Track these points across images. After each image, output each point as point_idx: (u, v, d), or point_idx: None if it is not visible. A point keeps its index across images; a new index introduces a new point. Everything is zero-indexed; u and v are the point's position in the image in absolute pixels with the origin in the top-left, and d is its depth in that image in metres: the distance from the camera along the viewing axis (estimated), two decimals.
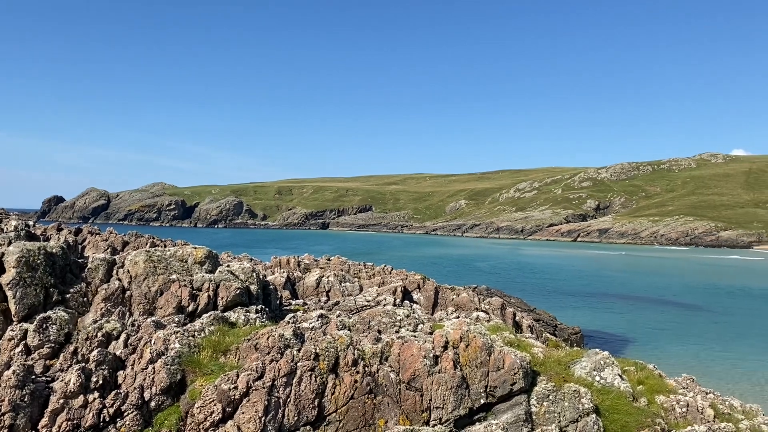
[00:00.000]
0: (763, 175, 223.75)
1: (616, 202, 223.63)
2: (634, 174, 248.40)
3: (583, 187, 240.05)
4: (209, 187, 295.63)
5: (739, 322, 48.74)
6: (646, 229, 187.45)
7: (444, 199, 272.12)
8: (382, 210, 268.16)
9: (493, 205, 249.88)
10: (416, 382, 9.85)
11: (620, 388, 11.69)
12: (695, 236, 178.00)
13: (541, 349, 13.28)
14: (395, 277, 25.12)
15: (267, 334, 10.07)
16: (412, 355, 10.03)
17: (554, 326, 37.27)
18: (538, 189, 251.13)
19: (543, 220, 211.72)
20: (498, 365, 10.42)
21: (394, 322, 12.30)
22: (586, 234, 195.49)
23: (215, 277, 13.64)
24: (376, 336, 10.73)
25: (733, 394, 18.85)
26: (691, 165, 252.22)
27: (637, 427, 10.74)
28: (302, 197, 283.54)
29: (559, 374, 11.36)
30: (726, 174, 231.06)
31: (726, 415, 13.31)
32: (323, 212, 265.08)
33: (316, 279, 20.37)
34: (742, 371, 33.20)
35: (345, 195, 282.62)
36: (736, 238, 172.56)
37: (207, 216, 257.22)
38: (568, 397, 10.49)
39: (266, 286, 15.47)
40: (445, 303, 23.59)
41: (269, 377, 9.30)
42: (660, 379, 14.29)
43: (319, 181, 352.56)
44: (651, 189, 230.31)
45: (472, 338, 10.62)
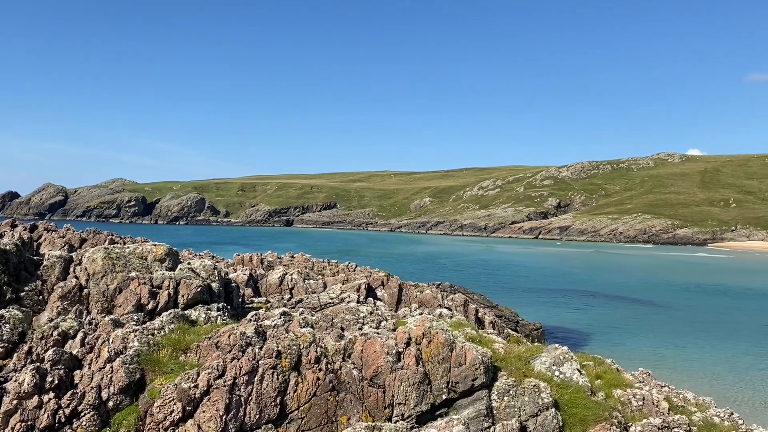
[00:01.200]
0: (718, 175, 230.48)
1: (576, 200, 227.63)
2: (594, 173, 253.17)
3: (545, 185, 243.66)
4: (170, 183, 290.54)
5: (693, 318, 50.16)
6: (606, 227, 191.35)
7: (409, 197, 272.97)
8: (347, 207, 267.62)
9: (457, 202, 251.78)
10: (379, 378, 9.88)
11: (579, 382, 11.93)
12: (653, 234, 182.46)
13: (502, 345, 13.46)
14: (359, 274, 25.14)
15: (228, 332, 9.98)
16: (374, 352, 10.06)
17: (516, 322, 37.76)
18: (501, 187, 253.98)
19: (506, 217, 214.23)
20: (460, 361, 10.52)
21: (357, 319, 12.32)
22: (547, 231, 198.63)
23: (176, 275, 13.45)
24: (339, 333, 10.73)
25: (687, 387, 19.36)
26: (649, 164, 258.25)
27: (594, 420, 10.98)
28: (266, 194, 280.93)
29: (519, 369, 11.54)
30: (682, 173, 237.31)
31: (680, 408, 13.69)
32: (287, 209, 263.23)
33: (280, 276, 20.25)
34: (696, 365, 34.20)
35: (309, 192, 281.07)
36: (691, 236, 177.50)
37: (168, 213, 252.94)
38: (528, 391, 10.66)
39: (228, 283, 15.31)
40: (409, 300, 23.72)
41: (230, 375, 9.22)
42: (617, 373, 14.61)
43: (283, 177, 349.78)
44: (610, 187, 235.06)
45: (434, 334, 10.70)
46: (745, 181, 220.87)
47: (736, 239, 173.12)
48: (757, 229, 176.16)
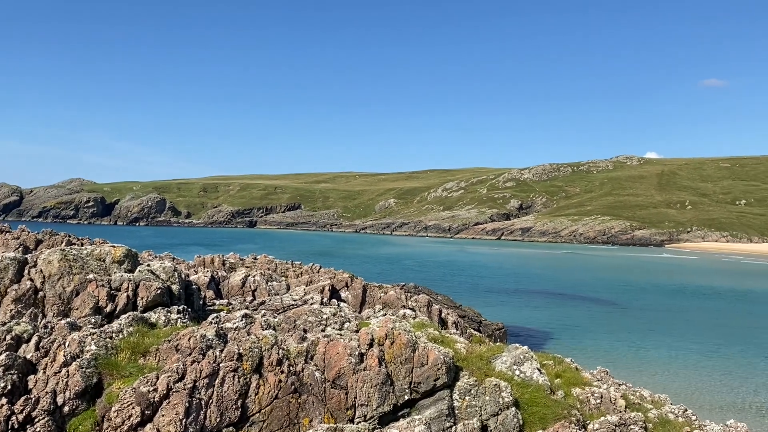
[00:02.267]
0: (674, 177, 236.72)
1: (538, 201, 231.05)
2: (555, 175, 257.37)
3: (507, 187, 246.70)
4: (130, 184, 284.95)
5: (650, 317, 51.40)
6: (566, 228, 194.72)
7: (373, 198, 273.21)
8: (312, 208, 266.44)
9: (421, 204, 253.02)
10: (341, 380, 9.88)
11: (539, 381, 12.13)
12: (612, 235, 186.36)
13: (464, 345, 13.59)
14: (323, 276, 25.07)
15: (188, 335, 9.86)
16: (337, 354, 10.06)
17: (479, 322, 38.10)
18: (465, 189, 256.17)
19: (469, 218, 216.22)
20: (422, 361, 10.59)
21: (320, 321, 12.29)
22: (509, 232, 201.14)
23: (135, 277, 13.22)
24: (302, 335, 10.69)
25: (644, 385, 19.84)
26: (609, 167, 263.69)
27: (554, 419, 11.17)
28: (228, 195, 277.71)
29: (480, 369, 11.67)
30: (640, 176, 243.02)
31: (636, 405, 14.02)
32: (250, 210, 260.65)
33: (242, 278, 20.07)
34: (653, 363, 35.06)
35: (273, 193, 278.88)
36: (649, 237, 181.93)
37: (128, 213, 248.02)
38: (489, 391, 10.79)
39: (189, 285, 15.12)
40: (373, 301, 23.75)
41: (190, 378, 9.11)
42: (577, 372, 14.89)
43: (246, 178, 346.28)
44: (571, 189, 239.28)
45: (397, 335, 10.75)
46: (701, 184, 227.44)
47: (691, 240, 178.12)
48: (712, 231, 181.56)
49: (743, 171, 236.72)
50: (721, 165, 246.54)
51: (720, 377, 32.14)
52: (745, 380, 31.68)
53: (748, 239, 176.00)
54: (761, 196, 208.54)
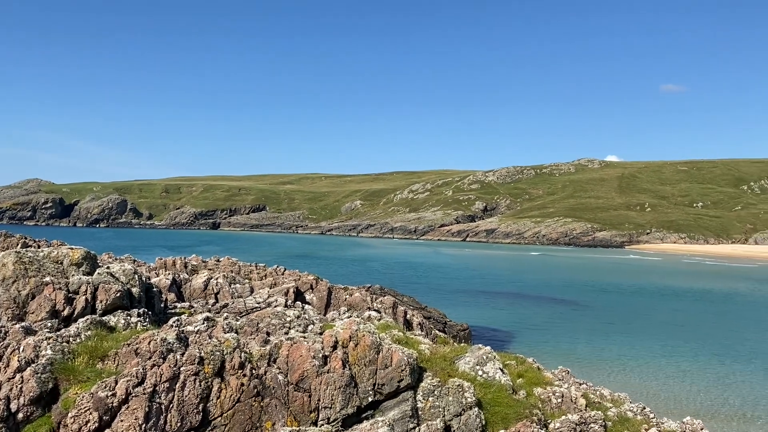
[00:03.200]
0: (634, 180, 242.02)
1: (502, 204, 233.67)
2: (519, 177, 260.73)
3: (472, 189, 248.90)
4: (90, 185, 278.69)
5: (611, 317, 52.42)
6: (529, 230, 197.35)
7: (339, 200, 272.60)
8: (277, 210, 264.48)
9: (387, 205, 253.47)
10: (305, 382, 9.83)
11: (501, 381, 12.26)
12: (574, 236, 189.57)
13: (428, 346, 13.66)
14: (288, 278, 24.92)
15: (149, 339, 9.69)
16: (300, 356, 10.01)
17: (444, 323, 38.33)
18: (431, 191, 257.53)
19: (435, 220, 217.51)
20: (386, 363, 10.61)
21: (283, 324, 12.21)
22: (474, 234, 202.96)
23: (94, 280, 12.95)
24: (265, 338, 10.61)
25: (604, 384, 20.23)
26: (571, 170, 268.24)
27: (516, 418, 11.31)
28: (191, 196, 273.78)
29: (444, 370, 11.75)
30: (601, 178, 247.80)
31: (596, 404, 14.27)
32: (214, 212, 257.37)
33: (204, 281, 19.81)
34: (613, 362, 35.75)
35: (237, 194, 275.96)
36: (610, 238, 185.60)
37: (88, 215, 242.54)
38: (452, 391, 10.87)
39: (150, 288, 14.87)
40: (338, 303, 23.70)
41: (150, 383, 8.95)
42: (538, 372, 15.10)
43: (209, 179, 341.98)
44: (534, 192, 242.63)
45: (361, 337, 10.75)
46: (659, 187, 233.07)
47: (651, 242, 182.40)
48: (671, 232, 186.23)
49: (700, 174, 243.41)
50: (679, 168, 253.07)
51: (678, 376, 32.95)
52: (701, 379, 32.56)
53: (705, 241, 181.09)
54: (717, 198, 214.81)
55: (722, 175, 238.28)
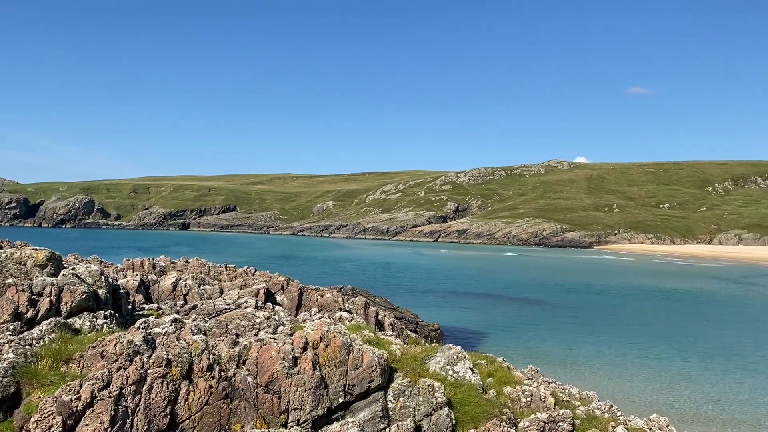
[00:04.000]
0: (602, 182, 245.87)
1: (473, 204, 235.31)
2: (490, 178, 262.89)
3: (444, 190, 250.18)
4: (56, 184, 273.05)
5: (579, 316, 53.16)
6: (500, 230, 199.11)
7: (311, 200, 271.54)
8: (248, 210, 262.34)
9: (360, 206, 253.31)
10: (274, 384, 9.76)
11: (471, 381, 12.34)
12: (543, 237, 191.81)
13: (399, 346, 13.68)
14: (258, 279, 24.73)
15: (115, 341, 9.52)
16: (270, 358, 9.93)
17: (416, 323, 38.43)
18: (403, 191, 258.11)
19: (407, 221, 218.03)
20: (357, 364, 10.59)
21: (253, 325, 12.11)
22: (446, 235, 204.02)
23: (58, 281, 12.68)
24: (234, 340, 10.51)
25: (573, 383, 20.49)
26: (540, 171, 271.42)
27: (485, 417, 11.39)
28: (160, 196, 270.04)
29: (414, 370, 11.77)
30: (570, 180, 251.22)
31: (565, 403, 14.46)
32: (183, 212, 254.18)
33: (173, 282, 19.55)
34: (582, 361, 36.25)
35: (207, 194, 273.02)
36: (579, 239, 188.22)
37: (54, 215, 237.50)
38: (422, 391, 10.90)
39: (116, 289, 14.62)
40: (309, 304, 23.60)
41: (116, 386, 8.80)
42: (508, 371, 15.24)
43: (179, 179, 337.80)
44: (505, 193, 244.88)
45: (331, 338, 10.71)
46: (627, 188, 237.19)
47: (619, 242, 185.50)
48: (638, 233, 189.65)
49: (666, 176, 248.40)
50: (646, 170, 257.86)
51: (644, 374, 33.55)
52: (666, 376, 33.20)
53: (671, 241, 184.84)
54: (683, 200, 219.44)
55: (688, 177, 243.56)
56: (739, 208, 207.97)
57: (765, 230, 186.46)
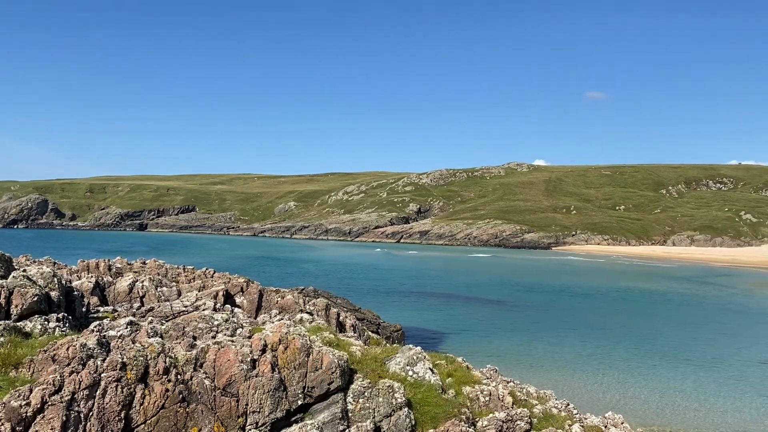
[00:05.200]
0: (560, 184, 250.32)
1: (435, 206, 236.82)
2: (452, 180, 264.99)
3: (407, 191, 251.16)
4: (8, 183, 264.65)
5: (538, 316, 54.02)
6: (461, 231, 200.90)
7: (273, 201, 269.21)
8: (207, 211, 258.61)
9: (322, 207, 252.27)
10: (232, 387, 9.66)
11: (431, 381, 12.42)
12: (503, 238, 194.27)
13: (360, 348, 13.68)
14: (217, 280, 24.42)
15: (67, 344, 9.28)
16: (228, 360, 9.82)
17: (377, 324, 38.48)
18: (366, 192, 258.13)
19: (369, 222, 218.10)
20: (316, 365, 10.56)
21: (211, 327, 11.96)
22: (408, 236, 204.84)
23: (8, 283, 12.31)
24: (191, 342, 10.35)
25: (531, 382, 20.78)
26: (501, 173, 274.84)
27: (445, 417, 11.48)
28: (117, 196, 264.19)
29: (375, 371, 11.79)
30: (530, 182, 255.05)
31: (523, 402, 14.67)
32: (141, 212, 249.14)
33: (129, 284, 19.15)
34: (540, 359, 36.84)
35: (166, 194, 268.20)
36: (537, 240, 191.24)
37: (5, 215, 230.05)
38: (382, 392, 10.92)
39: (70, 292, 14.27)
40: (270, 306, 23.41)
41: (68, 391, 8.58)
42: (468, 371, 15.38)
43: (136, 179, 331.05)
44: (466, 194, 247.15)
45: (291, 340, 10.65)
46: (584, 190, 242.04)
47: (576, 243, 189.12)
48: (595, 234, 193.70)
49: (622, 178, 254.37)
50: (602, 173, 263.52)
51: (601, 372, 34.29)
52: (622, 374, 34.00)
53: (627, 242, 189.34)
54: (638, 202, 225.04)
55: (643, 180, 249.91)
56: (691, 210, 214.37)
57: (716, 232, 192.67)
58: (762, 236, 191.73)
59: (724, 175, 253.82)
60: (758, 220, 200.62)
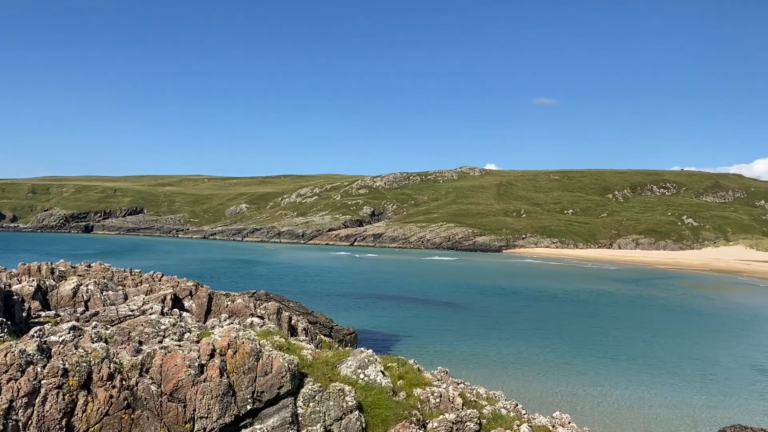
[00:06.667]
0: (511, 188, 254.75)
1: (389, 209, 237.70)
2: (405, 183, 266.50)
3: (360, 194, 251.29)
4: None
5: (489, 317, 54.77)
6: (415, 234, 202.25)
7: (224, 203, 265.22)
8: (156, 212, 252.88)
9: (275, 209, 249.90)
10: (179, 392, 9.48)
11: (382, 384, 12.45)
12: (456, 241, 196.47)
13: (311, 351, 13.61)
14: (166, 284, 23.92)
15: (5, 351, 8.94)
16: (175, 365, 9.63)
17: (330, 328, 38.32)
18: (319, 195, 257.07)
19: (323, 225, 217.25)
20: (266, 370, 10.46)
21: (158, 332, 11.70)
22: (362, 238, 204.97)
23: None
24: (137, 347, 10.11)
25: (481, 383, 21.04)
26: (453, 177, 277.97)
27: (395, 419, 11.53)
28: (62, 197, 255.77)
29: (326, 375, 11.75)
30: (482, 186, 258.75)
31: (473, 403, 14.85)
32: (87, 214, 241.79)
33: (73, 288, 18.56)
34: (491, 361, 37.37)
35: (113, 195, 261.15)
36: (489, 243, 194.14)
37: None
38: (333, 396, 10.90)
39: (9, 296, 13.75)
40: (219, 310, 23.06)
41: (6, 398, 8.27)
42: (419, 373, 15.47)
43: (82, 179, 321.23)
44: (419, 197, 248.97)
45: (240, 344, 10.52)
46: (534, 194, 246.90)
47: (526, 246, 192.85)
48: (544, 237, 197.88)
49: (570, 183, 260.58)
50: (551, 177, 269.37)
51: (549, 372, 35.00)
52: (569, 374, 34.79)
53: (574, 245, 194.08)
54: (585, 206, 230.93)
55: (590, 185, 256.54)
56: (636, 214, 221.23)
57: (659, 235, 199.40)
58: (702, 239, 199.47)
59: (667, 181, 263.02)
60: (699, 224, 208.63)
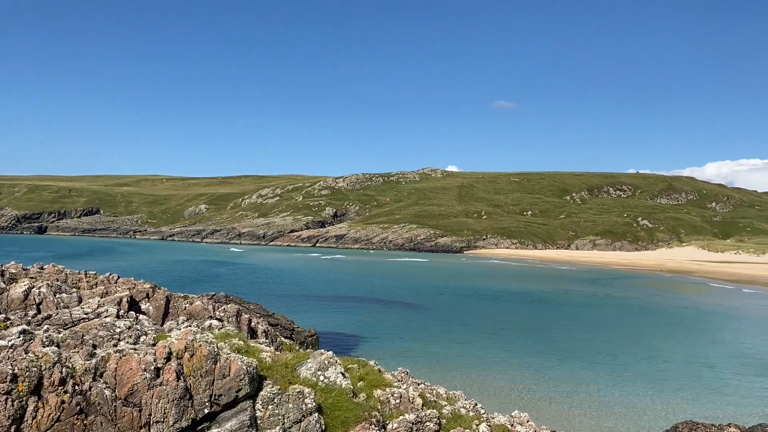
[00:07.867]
0: (472, 189, 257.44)
1: (351, 210, 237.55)
2: (368, 184, 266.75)
3: (323, 195, 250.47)
4: None
5: (450, 318, 55.23)
6: (377, 235, 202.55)
7: (183, 203, 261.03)
8: (112, 213, 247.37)
9: (235, 210, 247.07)
10: (134, 397, 9.30)
11: (342, 385, 12.43)
12: (418, 242, 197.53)
13: (270, 354, 13.51)
14: (122, 286, 23.40)
15: None
16: (130, 369, 9.45)
17: (291, 330, 38.08)
18: (281, 196, 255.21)
19: (285, 226, 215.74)
20: (224, 373, 10.34)
21: (112, 335, 11.44)
22: (324, 240, 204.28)
23: None
24: (91, 351, 9.88)
25: (441, 383, 21.18)
26: (416, 178, 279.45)
27: (355, 421, 11.53)
28: (13, 197, 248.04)
29: (285, 377, 11.68)
30: (443, 187, 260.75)
31: (432, 403, 14.95)
32: (40, 214, 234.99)
33: (24, 290, 18.00)
34: (451, 361, 37.67)
35: (67, 196, 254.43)
36: (450, 244, 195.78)
37: None
38: (292, 398, 10.84)
39: None
40: (177, 312, 22.67)
41: None
42: (379, 374, 15.50)
43: (35, 179, 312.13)
44: (382, 199, 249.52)
45: (197, 347, 10.38)
46: (495, 196, 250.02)
47: (487, 247, 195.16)
48: (504, 238, 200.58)
49: (530, 185, 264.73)
50: (511, 179, 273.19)
51: (509, 372, 35.47)
52: (527, 373, 35.33)
53: (534, 246, 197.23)
54: (544, 207, 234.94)
55: (549, 187, 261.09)
56: (593, 216, 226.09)
57: (615, 236, 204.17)
58: (657, 241, 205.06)
59: (623, 183, 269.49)
60: (654, 226, 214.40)
